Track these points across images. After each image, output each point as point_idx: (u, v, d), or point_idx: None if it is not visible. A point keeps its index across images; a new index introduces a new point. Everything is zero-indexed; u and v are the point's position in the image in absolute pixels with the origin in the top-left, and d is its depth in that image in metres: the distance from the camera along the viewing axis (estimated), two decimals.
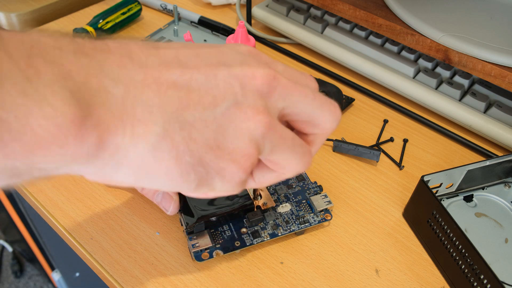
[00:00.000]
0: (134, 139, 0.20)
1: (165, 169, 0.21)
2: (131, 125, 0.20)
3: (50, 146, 0.18)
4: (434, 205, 0.34)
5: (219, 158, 0.22)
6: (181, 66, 0.21)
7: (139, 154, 0.20)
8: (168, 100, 0.20)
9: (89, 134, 0.18)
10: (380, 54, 0.51)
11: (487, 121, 0.45)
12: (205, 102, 0.21)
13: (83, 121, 0.18)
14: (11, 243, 1.27)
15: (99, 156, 0.20)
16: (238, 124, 0.22)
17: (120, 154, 0.20)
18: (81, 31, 0.53)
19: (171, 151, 0.21)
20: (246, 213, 0.35)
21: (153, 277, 0.33)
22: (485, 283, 0.30)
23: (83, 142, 0.18)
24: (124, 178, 0.22)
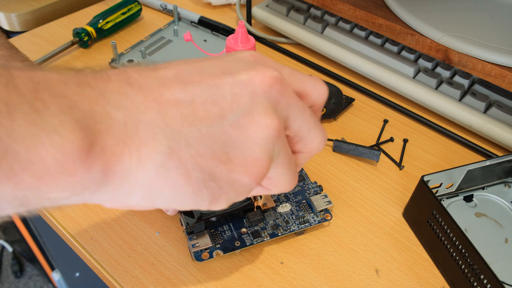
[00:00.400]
0: (141, 161, 0.20)
1: (176, 187, 0.21)
2: (136, 148, 0.20)
3: (59, 175, 0.18)
4: (434, 205, 0.34)
5: (231, 171, 0.22)
6: (181, 82, 0.21)
7: (148, 176, 0.20)
8: (170, 118, 0.20)
9: (96, 160, 0.19)
10: (380, 54, 0.51)
11: (487, 121, 0.45)
12: (212, 116, 0.21)
13: (90, 148, 0.18)
14: (11, 243, 1.27)
15: (108, 183, 0.20)
16: (249, 134, 0.22)
17: (130, 178, 0.20)
18: (81, 31, 0.53)
19: (179, 168, 0.21)
20: (246, 213, 0.35)
21: (153, 277, 0.33)
22: (485, 283, 0.30)
23: (91, 168, 0.19)
24: (138, 202, 0.22)
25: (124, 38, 0.57)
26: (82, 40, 0.53)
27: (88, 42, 0.54)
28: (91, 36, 0.54)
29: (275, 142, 0.22)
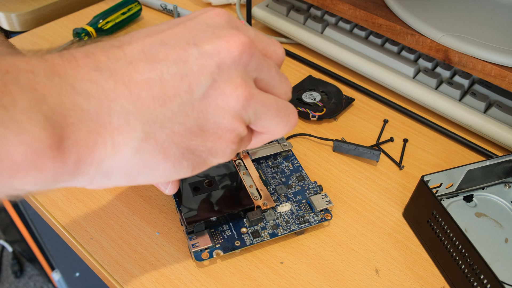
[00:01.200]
0: (115, 148, 0.20)
1: (155, 166, 0.22)
2: (110, 136, 0.20)
3: (28, 171, 0.18)
4: (434, 205, 0.34)
5: (205, 140, 0.23)
6: (148, 61, 0.21)
7: (125, 161, 0.21)
8: (142, 103, 0.20)
9: (67, 154, 0.19)
10: (380, 54, 0.51)
11: (487, 121, 0.45)
12: (181, 92, 0.21)
13: (59, 143, 0.18)
14: (11, 243, 1.27)
15: (82, 172, 0.20)
16: (218, 104, 0.22)
17: (106, 165, 0.20)
18: (81, 31, 0.53)
19: (156, 149, 0.21)
20: (246, 213, 0.35)
21: (153, 277, 0.33)
22: (485, 283, 0.30)
23: (62, 163, 0.19)
24: (118, 183, 0.22)
25: None
26: (82, 40, 0.53)
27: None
28: (91, 36, 0.54)
29: (246, 107, 0.23)
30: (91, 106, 0.19)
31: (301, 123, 0.47)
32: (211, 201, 0.35)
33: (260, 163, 0.41)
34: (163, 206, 0.38)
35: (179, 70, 0.21)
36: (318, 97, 0.48)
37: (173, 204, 0.38)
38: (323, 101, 0.47)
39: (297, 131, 0.46)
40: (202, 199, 0.35)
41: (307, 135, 0.45)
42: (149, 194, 0.39)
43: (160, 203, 0.38)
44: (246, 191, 0.36)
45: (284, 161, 0.41)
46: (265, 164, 0.40)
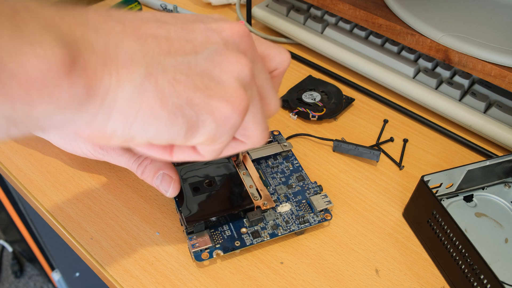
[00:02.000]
0: (119, 81, 0.21)
1: (151, 111, 0.21)
2: (115, 69, 0.20)
3: (44, 87, 0.18)
4: (434, 205, 0.34)
5: (210, 97, 0.22)
6: (158, 21, 0.23)
7: (126, 96, 0.21)
8: (148, 46, 0.21)
9: (78, 76, 0.19)
10: (380, 54, 0.51)
11: (487, 121, 0.45)
12: (186, 49, 0.22)
13: (72, 62, 0.19)
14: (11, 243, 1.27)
15: (90, 100, 0.20)
16: (224, 67, 0.23)
17: (109, 98, 0.21)
18: None
19: (156, 91, 0.21)
20: (246, 213, 0.35)
21: (153, 277, 0.33)
22: (485, 283, 0.30)
23: (74, 83, 0.19)
24: (116, 126, 0.22)
25: None
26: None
27: None
28: None
29: (249, 82, 0.23)
30: (100, 40, 0.20)
31: (301, 123, 0.47)
32: (211, 201, 0.35)
33: (260, 163, 0.41)
34: (163, 206, 0.38)
35: (185, 35, 0.23)
36: (318, 97, 0.48)
37: (173, 204, 0.38)
38: (323, 101, 0.47)
39: (297, 131, 0.46)
40: (202, 199, 0.35)
41: (307, 135, 0.45)
42: (149, 194, 0.39)
43: (160, 203, 0.38)
44: (246, 191, 0.36)
45: (284, 161, 0.41)
46: (265, 164, 0.40)
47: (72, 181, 0.39)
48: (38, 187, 0.39)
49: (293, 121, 0.47)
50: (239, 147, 0.27)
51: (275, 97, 0.27)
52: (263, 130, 0.26)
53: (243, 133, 0.26)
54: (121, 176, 0.40)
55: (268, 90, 0.27)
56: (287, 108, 0.48)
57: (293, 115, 0.47)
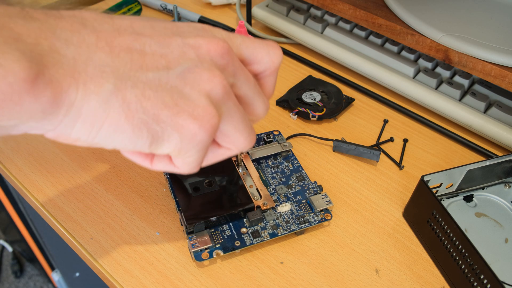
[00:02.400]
0: (86, 95, 0.21)
1: (116, 124, 0.22)
2: (83, 82, 0.20)
3: (5, 104, 0.18)
4: (434, 205, 0.34)
5: (177, 114, 0.22)
6: (134, 33, 0.22)
7: (91, 109, 0.21)
8: (120, 60, 0.21)
9: (42, 91, 0.19)
10: (380, 54, 0.51)
11: (487, 121, 0.45)
12: (159, 65, 0.22)
13: (35, 79, 0.19)
14: (11, 243, 1.27)
15: (54, 113, 0.20)
16: (195, 85, 0.23)
17: (75, 109, 0.21)
18: None
19: (122, 106, 0.21)
20: (246, 213, 0.35)
21: (153, 277, 0.33)
22: (485, 283, 0.30)
23: (37, 98, 0.19)
24: (79, 135, 0.22)
25: None
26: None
27: None
28: None
29: (222, 98, 0.23)
30: (70, 52, 0.20)
31: (301, 123, 0.47)
32: (211, 201, 0.35)
33: (260, 163, 0.41)
34: (163, 206, 0.38)
35: (160, 49, 0.22)
36: (318, 97, 0.48)
37: (173, 204, 0.38)
38: (323, 101, 0.47)
39: (297, 131, 0.46)
40: (202, 199, 0.35)
41: (307, 135, 0.45)
42: (149, 194, 0.39)
43: (160, 203, 0.38)
44: (246, 191, 0.36)
45: (284, 161, 0.41)
46: (265, 164, 0.40)
47: (72, 181, 0.39)
48: (38, 187, 0.39)
49: (293, 121, 0.47)
50: (225, 153, 0.27)
51: (261, 103, 0.27)
52: (246, 137, 0.26)
53: (227, 141, 0.26)
54: (121, 176, 0.40)
55: (254, 97, 0.26)
56: (287, 108, 0.48)
57: (293, 115, 0.47)
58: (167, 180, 0.38)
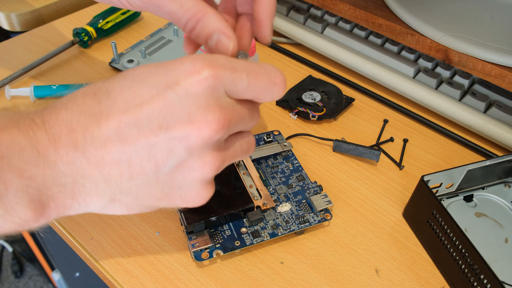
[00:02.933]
0: (87, 206, 0.25)
1: (120, 213, 0.26)
2: (83, 199, 0.24)
3: (16, 228, 0.24)
4: (434, 205, 0.34)
5: (171, 202, 0.26)
6: (121, 142, 0.23)
7: (95, 210, 0.25)
8: (111, 178, 0.24)
9: (47, 216, 0.24)
10: (380, 54, 0.51)
11: (487, 121, 0.45)
12: (147, 171, 0.24)
13: (42, 214, 0.23)
14: (11, 243, 1.27)
15: (61, 216, 0.25)
16: (186, 177, 0.25)
17: (81, 211, 0.25)
18: (81, 31, 0.53)
19: (121, 207, 0.26)
20: (246, 213, 0.35)
21: (153, 277, 0.33)
22: (485, 283, 0.30)
23: (45, 220, 0.24)
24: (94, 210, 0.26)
25: (124, 38, 0.57)
26: (82, 40, 0.53)
27: (88, 42, 0.54)
28: (91, 36, 0.54)
29: (217, 170, 0.26)
30: (69, 180, 0.23)
31: (301, 123, 0.47)
32: (211, 201, 0.35)
33: (260, 163, 0.41)
34: None
35: (146, 154, 0.24)
36: (318, 97, 0.48)
37: None
38: (323, 101, 0.47)
39: (297, 131, 0.46)
40: None
41: (307, 135, 0.45)
42: None
43: None
44: (246, 191, 0.36)
45: (284, 161, 0.41)
46: (265, 164, 0.40)
47: None
48: None
49: (293, 121, 0.47)
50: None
51: (254, 123, 0.28)
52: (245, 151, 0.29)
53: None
54: None
55: (249, 126, 0.28)
56: (287, 108, 0.48)
57: (293, 115, 0.47)
58: None
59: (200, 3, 0.27)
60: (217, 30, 0.27)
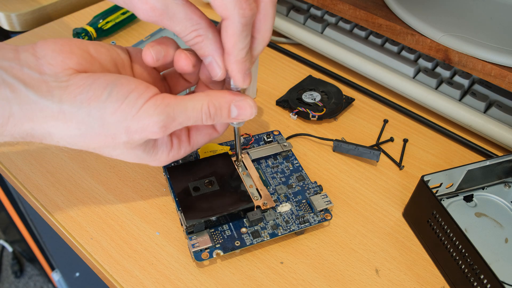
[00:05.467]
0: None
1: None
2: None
3: None
4: (434, 205, 0.34)
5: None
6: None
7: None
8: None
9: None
10: (380, 54, 0.51)
11: (487, 121, 0.45)
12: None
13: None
14: (11, 243, 1.27)
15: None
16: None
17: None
18: (81, 31, 0.53)
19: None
20: (246, 213, 0.35)
21: (153, 277, 0.33)
22: (485, 283, 0.30)
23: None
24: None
25: (124, 38, 0.57)
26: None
27: None
28: (91, 36, 0.54)
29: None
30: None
31: (301, 123, 0.47)
32: (211, 201, 0.35)
33: (260, 163, 0.41)
34: (163, 206, 0.38)
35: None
36: (318, 97, 0.48)
37: (173, 204, 0.38)
38: (323, 101, 0.47)
39: (297, 131, 0.46)
40: (202, 199, 0.35)
41: (307, 135, 0.45)
42: (149, 194, 0.39)
43: (160, 203, 0.38)
44: (246, 191, 0.36)
45: (284, 161, 0.41)
46: (265, 164, 0.40)
47: (72, 181, 0.39)
48: (38, 187, 0.39)
49: (293, 121, 0.47)
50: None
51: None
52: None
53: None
54: (121, 176, 0.40)
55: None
56: (287, 108, 0.48)
57: (293, 115, 0.47)
58: (167, 180, 0.37)
59: (202, 27, 0.29)
60: (211, 55, 0.30)
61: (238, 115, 0.32)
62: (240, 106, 0.31)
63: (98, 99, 0.27)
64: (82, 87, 0.27)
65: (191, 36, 0.29)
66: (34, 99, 0.26)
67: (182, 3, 0.28)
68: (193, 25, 0.29)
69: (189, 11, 0.28)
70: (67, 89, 0.27)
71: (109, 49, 0.31)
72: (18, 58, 0.27)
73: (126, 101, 0.27)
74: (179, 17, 0.28)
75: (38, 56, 0.27)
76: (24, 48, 0.28)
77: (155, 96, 0.28)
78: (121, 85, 0.28)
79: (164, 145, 0.32)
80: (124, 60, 0.32)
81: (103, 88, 0.27)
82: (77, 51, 0.29)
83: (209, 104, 0.30)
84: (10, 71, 0.26)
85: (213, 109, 0.30)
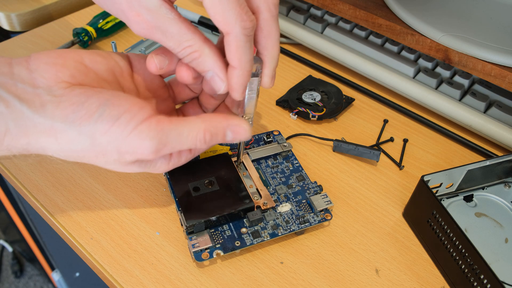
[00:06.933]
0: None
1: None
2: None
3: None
4: (434, 205, 0.34)
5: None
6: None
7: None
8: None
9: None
10: (380, 54, 0.51)
11: (487, 121, 0.45)
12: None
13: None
14: (11, 243, 1.27)
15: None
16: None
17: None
18: (81, 31, 0.53)
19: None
20: (246, 213, 0.35)
21: (153, 277, 0.33)
22: (485, 283, 0.30)
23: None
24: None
25: (124, 38, 0.57)
26: (82, 40, 0.53)
27: (88, 42, 0.54)
28: (91, 36, 0.54)
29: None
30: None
31: (301, 123, 0.47)
32: (211, 201, 0.35)
33: (260, 163, 0.41)
34: (163, 206, 0.38)
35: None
36: (318, 97, 0.48)
37: (173, 204, 0.38)
38: (323, 101, 0.47)
39: (297, 131, 0.46)
40: (202, 199, 0.35)
41: (307, 135, 0.45)
42: (149, 194, 0.39)
43: (160, 203, 0.38)
44: (246, 191, 0.36)
45: (284, 161, 0.41)
46: (265, 164, 0.40)
47: (72, 181, 0.39)
48: (38, 187, 0.39)
49: (293, 121, 0.47)
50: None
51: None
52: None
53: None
54: (121, 176, 0.40)
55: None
56: (287, 108, 0.48)
57: (293, 115, 0.47)
58: (167, 180, 0.37)
59: (197, 42, 0.29)
60: (212, 70, 0.30)
61: (233, 139, 0.32)
62: (236, 131, 0.31)
63: (89, 119, 0.26)
64: (75, 105, 0.26)
65: (185, 52, 0.29)
66: (28, 114, 0.26)
67: (175, 18, 0.28)
68: (187, 41, 0.28)
69: (183, 26, 0.28)
70: (59, 105, 0.26)
71: (106, 57, 0.31)
72: (11, 72, 0.26)
73: (117, 122, 0.27)
74: (172, 32, 0.28)
75: (31, 69, 0.27)
76: (17, 61, 0.27)
77: (149, 119, 0.28)
78: (113, 105, 0.27)
79: (162, 158, 0.31)
80: (123, 68, 0.32)
81: (95, 107, 0.27)
82: (71, 63, 0.28)
83: (205, 131, 0.30)
84: (4, 86, 0.26)
85: (209, 136, 0.30)
